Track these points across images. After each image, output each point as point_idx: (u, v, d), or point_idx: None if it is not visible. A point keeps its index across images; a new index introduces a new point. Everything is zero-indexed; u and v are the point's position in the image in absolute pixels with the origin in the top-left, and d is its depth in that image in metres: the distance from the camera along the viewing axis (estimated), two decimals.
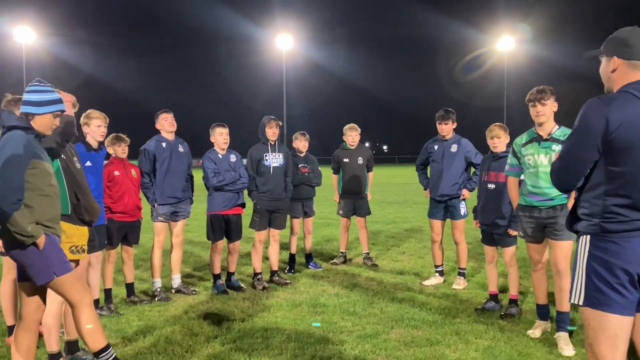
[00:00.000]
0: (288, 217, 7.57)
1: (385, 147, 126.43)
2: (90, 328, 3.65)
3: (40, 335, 4.43)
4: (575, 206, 2.87)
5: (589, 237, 2.73)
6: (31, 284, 3.54)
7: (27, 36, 57.77)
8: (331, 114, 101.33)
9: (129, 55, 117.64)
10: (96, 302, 5.69)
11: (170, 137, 6.49)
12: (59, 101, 3.67)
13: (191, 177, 6.68)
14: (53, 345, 4.20)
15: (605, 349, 2.68)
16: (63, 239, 4.03)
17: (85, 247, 4.24)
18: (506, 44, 60.51)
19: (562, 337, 4.66)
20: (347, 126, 8.32)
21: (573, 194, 3.36)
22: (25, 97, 3.61)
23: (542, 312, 5.09)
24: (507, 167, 5.14)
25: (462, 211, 6.88)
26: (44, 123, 3.62)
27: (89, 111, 5.55)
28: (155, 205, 6.36)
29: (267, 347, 4.72)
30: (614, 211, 2.66)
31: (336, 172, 8.33)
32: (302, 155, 7.77)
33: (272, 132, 6.78)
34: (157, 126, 6.45)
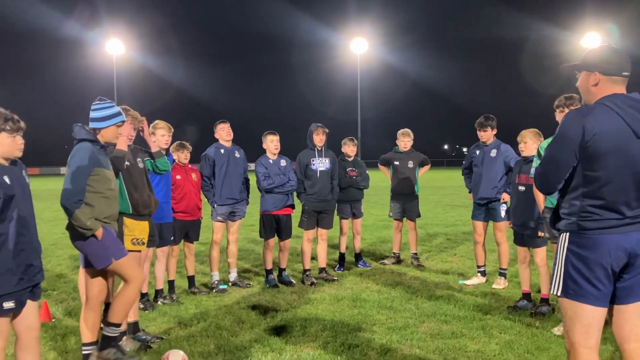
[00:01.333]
0: (337, 218, 8.07)
1: (465, 149, 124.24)
2: (125, 304, 4.26)
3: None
4: (557, 207, 3.18)
5: (568, 234, 3.04)
6: (94, 269, 4.23)
7: (117, 48, 61.63)
8: (405, 117, 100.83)
9: (208, 62, 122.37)
10: (159, 292, 6.44)
11: (228, 144, 7.14)
12: (119, 113, 4.37)
13: (247, 180, 7.30)
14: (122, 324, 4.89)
15: (579, 336, 2.98)
16: (126, 233, 4.75)
17: (145, 240, 4.93)
18: (591, 41, 58.09)
19: None
20: (400, 131, 8.71)
21: None
22: (91, 114, 4.32)
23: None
24: (532, 169, 5.37)
25: (503, 214, 7.09)
26: (109, 134, 4.34)
27: (155, 122, 6.26)
28: (215, 205, 7.03)
29: (304, 334, 5.22)
30: (590, 211, 2.96)
31: (382, 164, 8.87)
32: (350, 159, 8.22)
33: (319, 139, 7.29)
34: (216, 135, 7.12)
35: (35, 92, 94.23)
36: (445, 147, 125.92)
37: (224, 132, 7.09)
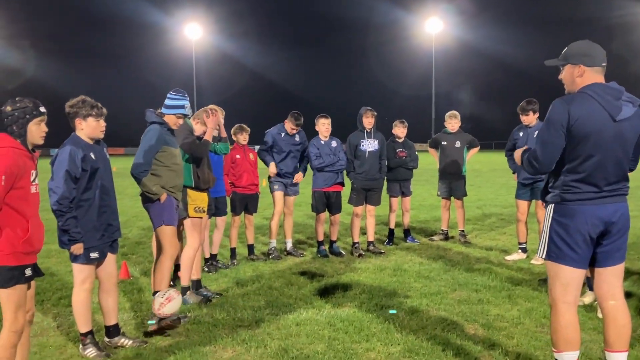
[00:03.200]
0: (387, 196, 8.63)
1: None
2: (162, 273, 4.92)
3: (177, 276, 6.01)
4: (547, 182, 3.64)
5: (553, 205, 3.52)
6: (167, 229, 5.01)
7: (196, 32, 63.80)
8: (478, 93, 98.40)
9: (283, 46, 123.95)
10: (214, 256, 7.23)
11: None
12: (182, 107, 5.12)
13: (307, 158, 7.97)
14: (185, 280, 5.73)
15: (559, 293, 3.47)
16: (189, 202, 5.56)
17: (205, 209, 5.74)
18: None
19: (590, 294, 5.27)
20: (448, 114, 9.10)
21: None
22: (165, 101, 5.12)
23: (592, 283, 5.62)
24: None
25: None
26: (170, 121, 5.12)
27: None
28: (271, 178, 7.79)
29: (343, 296, 5.87)
30: (571, 185, 3.42)
31: (431, 146, 9.43)
32: (400, 140, 8.73)
33: (367, 122, 7.85)
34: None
35: (121, 78, 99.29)
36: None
37: (289, 124, 7.79)
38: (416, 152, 8.85)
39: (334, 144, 7.86)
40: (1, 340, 3.39)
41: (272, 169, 7.75)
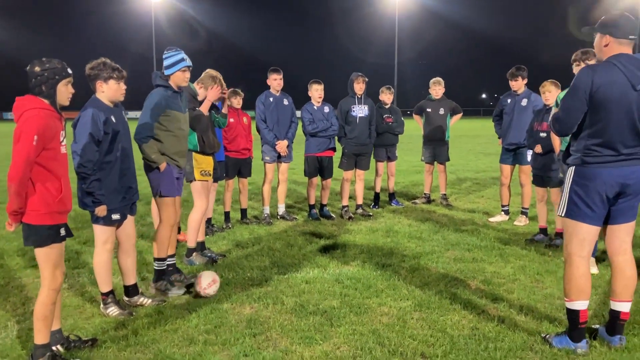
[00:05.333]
0: (373, 160, 8.84)
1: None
2: (160, 241, 4.94)
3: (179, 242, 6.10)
4: (568, 146, 3.90)
5: (574, 167, 3.79)
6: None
7: None
8: (447, 64, 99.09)
9: (246, 9, 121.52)
10: (209, 220, 7.30)
11: (277, 93, 7.85)
12: (182, 60, 4.93)
13: (295, 123, 8.03)
14: (192, 242, 5.83)
15: (575, 248, 3.76)
16: (195, 166, 5.62)
17: (211, 172, 5.81)
18: None
19: (591, 260, 5.57)
20: (433, 80, 9.30)
21: None
22: (163, 63, 5.00)
23: None
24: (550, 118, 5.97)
25: (529, 157, 7.72)
26: (177, 79, 4.94)
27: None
28: (264, 146, 7.83)
29: (344, 256, 6.09)
30: (592, 148, 3.68)
31: (416, 112, 9.54)
32: (387, 106, 8.90)
33: (359, 87, 7.98)
34: (268, 82, 7.84)
35: (76, 40, 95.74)
36: (483, 96, 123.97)
37: (275, 83, 7.79)
38: (402, 118, 9.05)
39: (326, 109, 7.97)
40: (41, 297, 3.46)
41: (283, 147, 7.73)
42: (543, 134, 6.53)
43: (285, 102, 7.90)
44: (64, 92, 3.50)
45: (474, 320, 4.29)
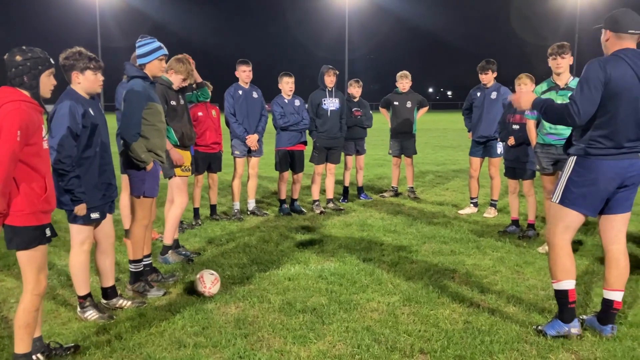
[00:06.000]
0: (342, 153, 8.77)
1: (449, 93, 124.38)
2: (136, 242, 4.70)
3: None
4: (571, 135, 3.93)
5: (575, 157, 3.82)
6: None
7: None
8: (395, 59, 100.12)
9: (194, 1, 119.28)
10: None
11: (246, 85, 7.66)
12: (160, 47, 4.70)
13: (265, 117, 7.86)
14: (169, 239, 5.64)
15: (559, 232, 3.88)
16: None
17: (190, 168, 5.60)
18: None
19: None
20: (400, 73, 9.29)
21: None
22: (136, 52, 4.72)
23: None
24: (527, 111, 6.05)
25: (499, 150, 7.84)
26: (153, 68, 4.69)
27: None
28: (234, 140, 7.63)
29: (323, 251, 6.00)
30: (596, 139, 3.70)
31: (383, 106, 9.51)
32: (355, 100, 8.84)
33: (329, 80, 7.89)
34: (237, 74, 7.63)
35: (17, 30, 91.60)
36: (430, 90, 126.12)
37: (244, 75, 7.60)
38: (370, 112, 9.01)
39: (297, 102, 7.85)
40: (24, 303, 3.23)
41: (253, 141, 7.57)
42: (516, 127, 6.61)
43: (255, 94, 7.72)
44: (47, 83, 3.27)
45: (464, 313, 4.29)
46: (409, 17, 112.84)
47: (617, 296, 3.84)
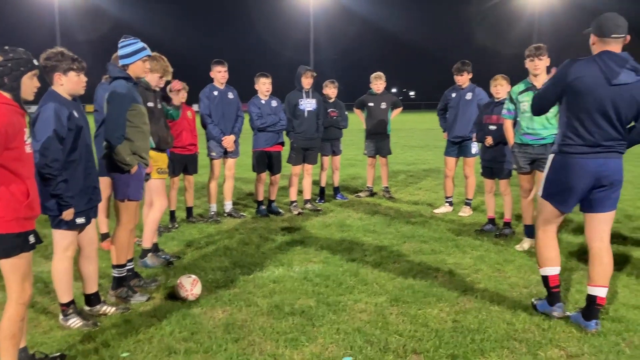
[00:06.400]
0: (319, 154, 8.77)
1: (412, 93, 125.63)
2: (120, 247, 4.62)
3: None
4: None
5: (552, 155, 4.05)
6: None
7: None
8: (359, 60, 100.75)
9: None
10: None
11: (222, 86, 7.57)
12: (144, 48, 4.63)
13: (241, 118, 7.77)
14: (148, 242, 5.53)
15: (541, 223, 4.27)
16: (152, 164, 5.28)
17: (167, 170, 5.50)
18: None
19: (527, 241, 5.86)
20: (374, 75, 9.33)
21: None
22: (119, 52, 4.62)
23: (529, 231, 6.22)
24: (504, 111, 6.16)
25: (474, 150, 7.96)
26: (137, 69, 4.61)
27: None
28: (210, 141, 7.53)
29: (305, 253, 5.98)
30: (569, 136, 3.90)
31: (357, 107, 9.54)
32: (331, 100, 8.84)
33: (307, 82, 7.87)
34: (212, 74, 7.53)
35: None
36: (394, 90, 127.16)
37: (219, 75, 7.51)
38: (346, 112, 9.03)
39: (274, 103, 7.80)
40: (9, 313, 3.11)
41: (230, 142, 7.48)
42: (492, 127, 6.72)
43: (231, 95, 7.64)
44: (29, 85, 3.16)
45: (452, 312, 4.33)
46: (373, 19, 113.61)
47: (600, 292, 3.95)
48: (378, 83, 9.22)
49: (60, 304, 4.11)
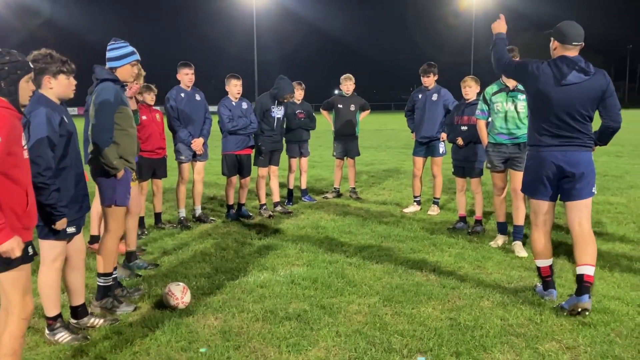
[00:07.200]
0: (287, 157, 8.73)
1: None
2: (108, 254, 4.47)
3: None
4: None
5: (528, 149, 4.54)
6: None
7: None
8: (303, 61, 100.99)
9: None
10: None
11: (188, 88, 7.40)
12: (133, 52, 4.51)
13: (209, 120, 7.62)
14: (130, 245, 5.42)
15: (532, 218, 4.64)
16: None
17: (136, 177, 5.35)
18: None
19: (518, 244, 6.00)
20: (344, 76, 9.35)
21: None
22: (107, 55, 4.47)
23: (502, 228, 6.39)
24: (477, 111, 6.30)
25: (441, 150, 8.11)
26: (125, 73, 4.47)
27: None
28: (178, 145, 7.34)
29: (286, 256, 5.93)
30: (535, 133, 4.42)
31: (325, 108, 9.56)
32: (298, 102, 8.81)
33: (287, 99, 7.85)
34: (178, 77, 7.36)
35: None
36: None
37: (186, 78, 7.35)
38: (313, 114, 9.02)
39: (244, 105, 7.69)
40: (11, 329, 2.95)
41: (199, 145, 7.33)
42: (464, 127, 6.87)
43: (198, 97, 7.49)
44: (26, 89, 3.00)
45: (445, 310, 4.40)
46: (316, 22, 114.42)
47: (586, 270, 4.26)
48: (348, 84, 9.24)
49: (46, 318, 3.91)
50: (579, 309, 4.15)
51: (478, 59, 65.52)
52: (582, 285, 4.23)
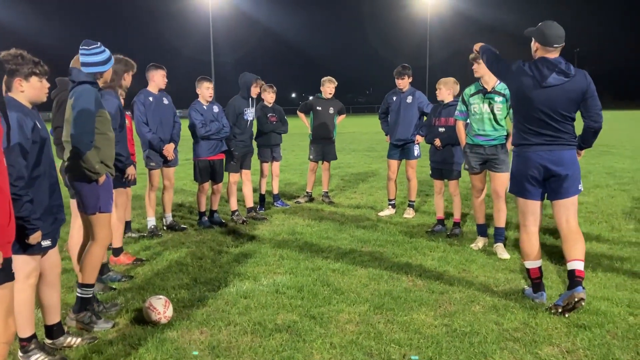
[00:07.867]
0: (258, 161, 8.53)
1: (311, 98, 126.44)
2: (93, 264, 4.23)
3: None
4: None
5: (514, 150, 4.55)
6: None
7: None
8: (257, 64, 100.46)
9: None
10: None
11: (156, 92, 7.09)
12: (111, 56, 4.35)
13: (178, 124, 7.34)
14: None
15: (520, 218, 4.75)
16: None
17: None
18: None
19: (500, 247, 5.98)
20: (325, 78, 9.19)
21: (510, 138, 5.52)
22: (89, 59, 4.15)
23: (482, 230, 6.37)
24: (456, 112, 6.26)
25: (416, 153, 8.05)
26: (107, 76, 4.36)
27: None
28: (149, 151, 7.04)
29: (266, 264, 5.74)
30: (518, 133, 4.48)
31: (302, 110, 9.41)
32: (270, 105, 8.62)
33: (255, 91, 7.63)
34: (153, 79, 7.02)
35: None
36: (293, 95, 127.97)
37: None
38: (285, 117, 8.84)
39: (215, 109, 7.45)
40: None
41: (170, 150, 7.04)
42: (441, 129, 6.83)
43: (165, 101, 7.19)
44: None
45: (438, 316, 4.30)
46: (272, 26, 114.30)
47: (576, 265, 4.29)
48: (331, 87, 9.07)
49: (19, 339, 3.61)
50: (575, 299, 4.13)
51: (433, 64, 66.52)
52: (575, 279, 4.25)
